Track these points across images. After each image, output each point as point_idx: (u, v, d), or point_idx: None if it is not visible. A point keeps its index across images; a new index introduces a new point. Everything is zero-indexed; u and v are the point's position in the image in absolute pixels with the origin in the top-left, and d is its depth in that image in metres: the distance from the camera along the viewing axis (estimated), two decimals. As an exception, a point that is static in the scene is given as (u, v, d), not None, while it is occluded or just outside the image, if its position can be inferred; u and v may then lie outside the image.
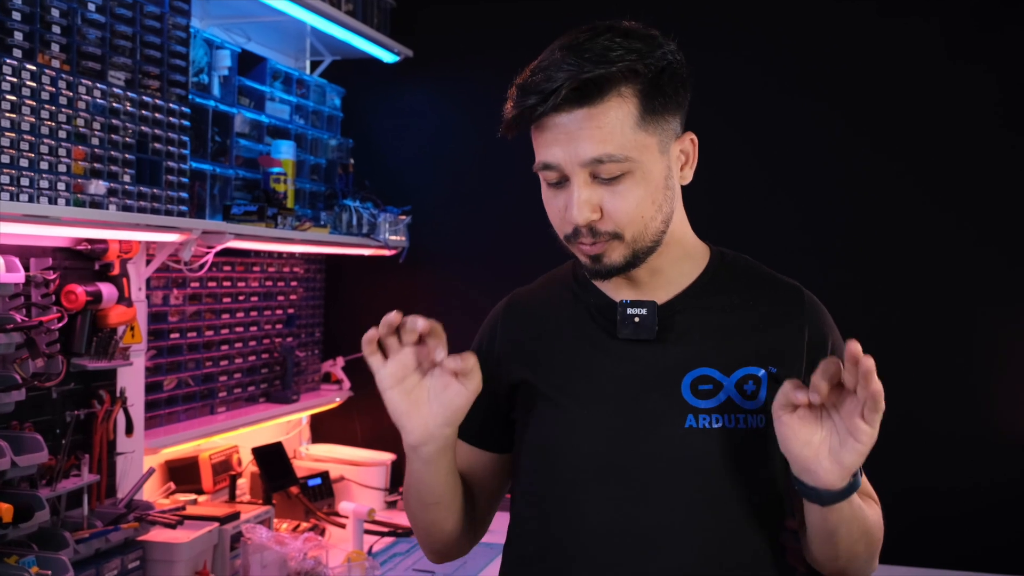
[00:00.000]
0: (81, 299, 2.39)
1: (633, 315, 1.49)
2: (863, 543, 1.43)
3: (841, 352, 1.50)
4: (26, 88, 2.05)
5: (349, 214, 3.54)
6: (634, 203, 1.41)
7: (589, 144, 1.37)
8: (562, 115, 1.38)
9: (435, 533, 1.59)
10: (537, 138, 1.43)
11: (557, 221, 1.46)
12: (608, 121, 1.37)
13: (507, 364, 1.59)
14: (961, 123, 3.38)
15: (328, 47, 3.73)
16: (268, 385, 3.52)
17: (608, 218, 1.41)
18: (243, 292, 3.35)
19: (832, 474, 1.30)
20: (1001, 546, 3.30)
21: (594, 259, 1.45)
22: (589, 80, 1.35)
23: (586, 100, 1.36)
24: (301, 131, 3.52)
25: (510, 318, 1.64)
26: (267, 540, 2.71)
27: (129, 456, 2.66)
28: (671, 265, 1.53)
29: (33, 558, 2.07)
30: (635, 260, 1.46)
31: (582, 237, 1.43)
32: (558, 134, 1.39)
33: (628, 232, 1.42)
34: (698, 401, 1.46)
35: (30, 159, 2.06)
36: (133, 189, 2.36)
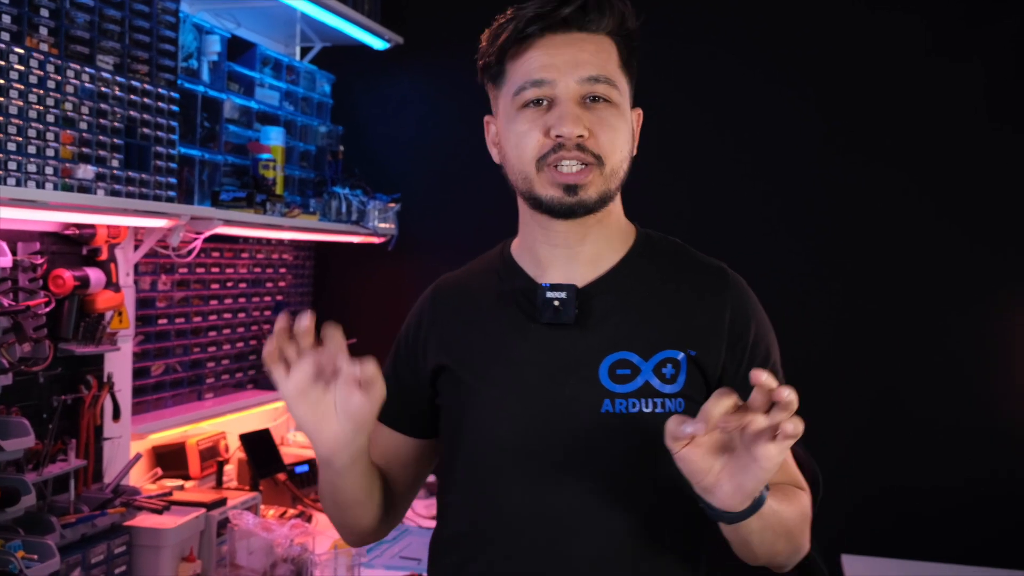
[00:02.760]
0: (69, 284, 2.38)
1: (553, 299, 1.49)
2: (783, 542, 1.42)
3: (763, 336, 1.53)
4: (14, 72, 2.05)
5: (338, 201, 3.54)
6: (617, 132, 1.47)
7: (588, 63, 1.45)
8: (565, 35, 1.46)
9: (354, 528, 1.62)
10: (528, 58, 1.47)
11: (533, 145, 1.46)
12: (602, 49, 1.48)
13: (431, 350, 1.60)
14: (946, 115, 3.39)
15: (318, 33, 3.72)
16: (256, 371, 3.52)
17: (594, 139, 1.45)
18: (231, 278, 3.35)
19: (734, 498, 1.25)
20: (993, 539, 3.32)
21: (570, 189, 1.45)
22: (596, 4, 1.46)
23: (587, 26, 1.47)
24: (290, 117, 3.51)
25: (435, 304, 1.65)
26: (254, 526, 2.71)
27: (116, 441, 2.66)
28: (604, 238, 1.55)
29: (19, 542, 2.07)
30: (603, 200, 1.48)
31: (564, 152, 1.44)
32: (560, 50, 1.46)
33: (609, 160, 1.46)
34: (615, 386, 1.46)
35: (18, 143, 2.06)
36: (121, 174, 2.36)
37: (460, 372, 1.55)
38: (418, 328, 1.64)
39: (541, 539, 1.46)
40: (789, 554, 1.47)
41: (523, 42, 1.47)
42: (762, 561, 1.44)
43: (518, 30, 1.46)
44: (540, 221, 1.53)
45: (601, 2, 1.47)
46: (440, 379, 1.59)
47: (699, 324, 1.50)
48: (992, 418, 3.33)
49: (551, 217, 1.50)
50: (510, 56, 1.49)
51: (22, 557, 2.03)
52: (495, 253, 1.67)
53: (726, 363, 1.49)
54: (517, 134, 1.48)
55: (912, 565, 3.21)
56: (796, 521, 1.45)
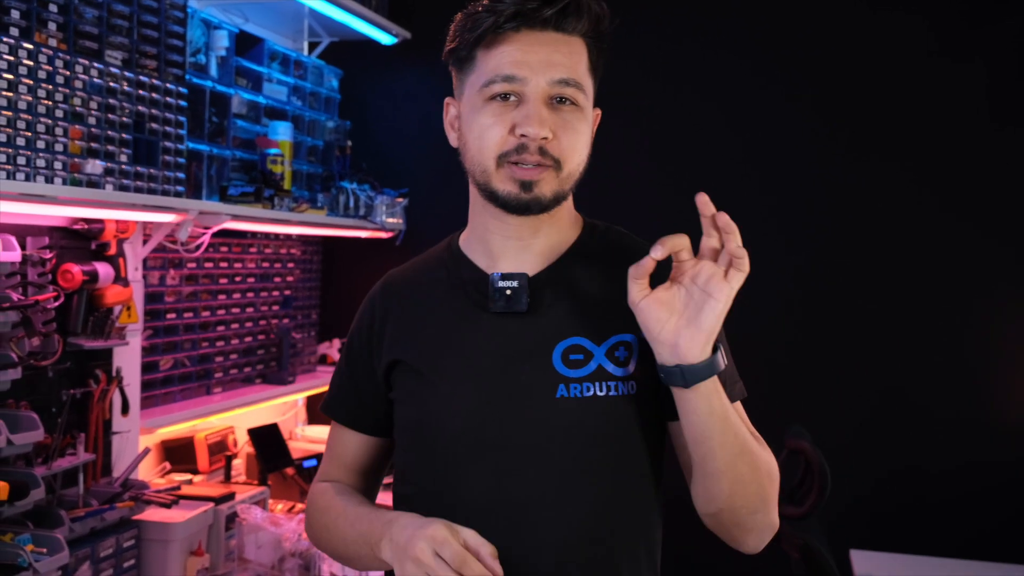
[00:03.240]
0: (77, 278, 2.39)
1: (504, 288, 1.50)
2: (745, 466, 1.41)
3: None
4: (23, 67, 2.05)
5: (346, 196, 3.54)
6: (578, 136, 1.48)
7: (561, 65, 1.46)
8: (541, 33, 1.47)
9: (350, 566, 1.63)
10: (502, 51, 1.47)
11: (496, 140, 1.46)
12: (575, 51, 1.48)
13: (383, 346, 1.60)
14: (949, 114, 3.39)
15: (326, 28, 3.73)
16: (264, 366, 3.52)
17: (556, 142, 1.45)
18: (240, 273, 3.35)
19: (693, 342, 1.32)
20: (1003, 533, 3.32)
21: (526, 186, 1.46)
22: (576, 7, 1.46)
23: (564, 27, 1.47)
24: (298, 112, 3.51)
25: (384, 299, 1.65)
26: (262, 521, 2.72)
27: (125, 435, 2.66)
28: (556, 230, 1.56)
29: (28, 536, 2.08)
30: (557, 199, 1.49)
31: (527, 154, 1.44)
32: (535, 48, 1.46)
33: (567, 164, 1.47)
34: (569, 371, 1.47)
35: (27, 138, 2.06)
36: (130, 169, 2.36)
37: (414, 365, 1.55)
38: (370, 325, 1.64)
39: (500, 528, 1.45)
40: (756, 495, 1.44)
41: (498, 34, 1.48)
42: (728, 488, 1.42)
43: (497, 24, 1.46)
44: (494, 213, 1.53)
45: (581, 5, 1.48)
46: (394, 374, 1.59)
47: None
48: (1001, 413, 3.33)
49: (505, 212, 1.51)
50: (483, 45, 1.50)
51: (31, 550, 2.04)
52: (442, 247, 1.67)
53: None
54: (481, 126, 1.48)
55: (922, 560, 3.21)
56: (761, 458, 1.44)
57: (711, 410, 1.35)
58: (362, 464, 1.69)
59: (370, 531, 1.48)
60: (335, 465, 1.70)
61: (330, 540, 1.61)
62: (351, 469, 1.69)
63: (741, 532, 1.49)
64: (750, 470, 1.42)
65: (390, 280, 1.68)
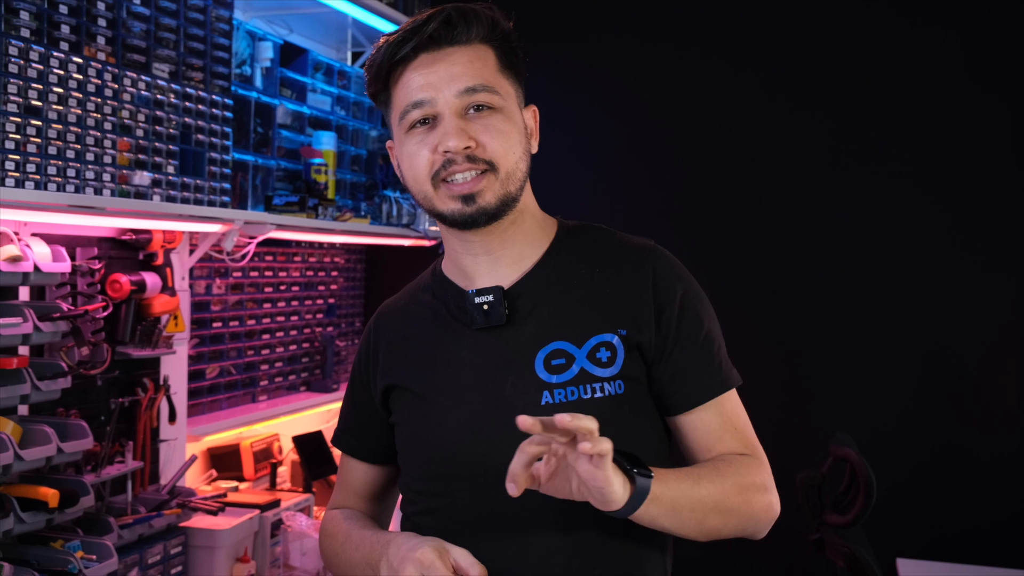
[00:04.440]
0: (125, 288, 2.42)
1: (481, 303, 1.51)
2: (714, 517, 1.42)
3: (692, 304, 1.53)
4: (72, 81, 2.08)
5: (389, 204, 3.56)
6: (505, 137, 1.48)
7: (463, 75, 1.47)
8: (437, 52, 1.48)
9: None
10: (406, 81, 1.49)
11: (424, 164, 1.48)
12: (477, 58, 1.49)
13: (378, 374, 1.63)
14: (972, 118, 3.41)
15: (369, 38, 3.74)
16: (308, 374, 3.54)
17: (483, 148, 1.46)
18: (284, 282, 3.38)
19: (603, 504, 1.29)
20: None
21: (467, 199, 1.47)
22: (461, 15, 1.47)
23: (457, 39, 1.48)
24: (342, 122, 3.53)
25: (377, 330, 1.67)
26: (307, 528, 2.73)
27: (172, 443, 2.69)
28: (524, 237, 1.56)
29: (78, 543, 2.11)
30: (505, 204, 1.49)
31: (455, 167, 1.45)
32: (433, 68, 1.47)
33: (503, 165, 1.47)
34: (552, 376, 1.47)
35: (76, 151, 2.09)
36: (176, 180, 2.39)
37: (408, 387, 1.58)
38: (366, 357, 1.67)
39: (499, 544, 1.46)
40: (736, 527, 1.46)
41: (399, 65, 1.49)
42: (702, 539, 1.44)
43: (391, 55, 1.48)
44: (455, 234, 1.55)
45: (465, 13, 1.48)
46: (391, 399, 1.62)
47: (626, 303, 1.50)
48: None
49: (460, 230, 1.52)
50: (392, 81, 1.52)
51: (81, 557, 2.06)
52: (427, 273, 1.70)
53: (656, 335, 1.49)
54: (408, 155, 1.50)
55: (970, 570, 3.17)
56: (727, 494, 1.43)
57: (654, 517, 1.35)
58: (371, 491, 1.73)
59: (371, 553, 1.49)
60: (346, 493, 1.74)
61: (339, 565, 1.62)
62: (361, 496, 1.73)
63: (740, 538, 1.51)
64: (720, 517, 1.43)
65: (382, 310, 1.71)
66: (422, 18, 1.48)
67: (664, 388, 1.47)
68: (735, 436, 1.52)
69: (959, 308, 3.41)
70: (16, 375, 2.03)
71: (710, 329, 1.54)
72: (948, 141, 3.42)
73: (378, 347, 1.64)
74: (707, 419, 1.49)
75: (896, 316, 3.46)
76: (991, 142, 3.39)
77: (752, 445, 1.53)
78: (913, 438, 3.41)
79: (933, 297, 3.43)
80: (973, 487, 3.36)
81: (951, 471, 3.38)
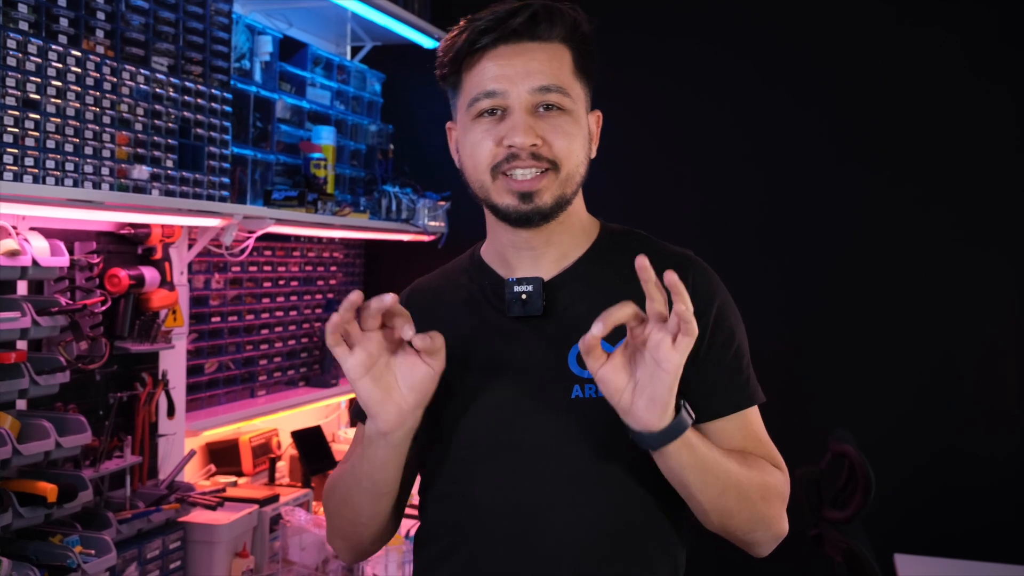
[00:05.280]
0: (124, 283, 2.42)
1: (520, 292, 1.52)
2: (733, 498, 1.41)
3: (726, 317, 1.54)
4: (71, 74, 2.08)
5: (388, 200, 3.55)
6: (571, 139, 1.48)
7: (539, 73, 1.47)
8: (516, 45, 1.48)
9: (371, 527, 1.58)
10: (481, 69, 1.49)
11: (487, 154, 1.48)
12: (555, 57, 1.49)
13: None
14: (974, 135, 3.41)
15: (368, 33, 3.74)
16: (307, 369, 3.54)
17: (548, 146, 1.46)
18: (283, 277, 3.38)
19: (649, 412, 1.29)
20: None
21: (525, 197, 1.47)
22: (547, 13, 1.47)
23: (539, 36, 1.48)
24: (341, 117, 3.53)
25: (409, 306, 1.64)
26: (306, 523, 2.73)
27: (170, 438, 2.69)
28: (568, 237, 1.57)
29: (77, 537, 2.11)
30: (560, 205, 1.50)
31: (518, 162, 1.46)
32: (511, 61, 1.47)
33: (565, 166, 1.48)
34: (584, 372, 1.47)
35: (75, 144, 2.09)
36: (175, 174, 2.39)
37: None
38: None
39: (519, 530, 1.46)
40: (748, 519, 1.45)
41: (476, 53, 1.49)
42: (714, 518, 1.43)
43: (471, 42, 1.48)
44: (504, 226, 1.55)
45: (551, 11, 1.48)
46: None
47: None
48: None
49: (510, 225, 1.52)
50: (465, 66, 1.52)
51: (80, 552, 2.06)
52: (465, 256, 1.70)
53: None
54: (472, 144, 1.51)
55: (968, 565, 3.17)
56: (751, 482, 1.44)
57: (682, 465, 1.35)
58: None
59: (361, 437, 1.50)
60: None
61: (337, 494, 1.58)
62: None
63: (743, 545, 1.51)
64: (737, 501, 1.43)
65: (415, 288, 1.71)
66: (507, 10, 1.48)
67: (690, 396, 1.47)
68: (758, 450, 1.52)
69: (959, 306, 3.41)
70: (14, 369, 2.03)
71: (741, 343, 1.55)
72: (949, 140, 3.41)
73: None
74: (729, 430, 1.49)
75: (896, 313, 3.46)
76: (993, 141, 3.38)
77: (775, 459, 1.54)
78: (911, 434, 3.41)
79: (933, 295, 3.43)
80: (971, 483, 3.36)
81: (949, 467, 3.38)
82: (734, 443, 1.49)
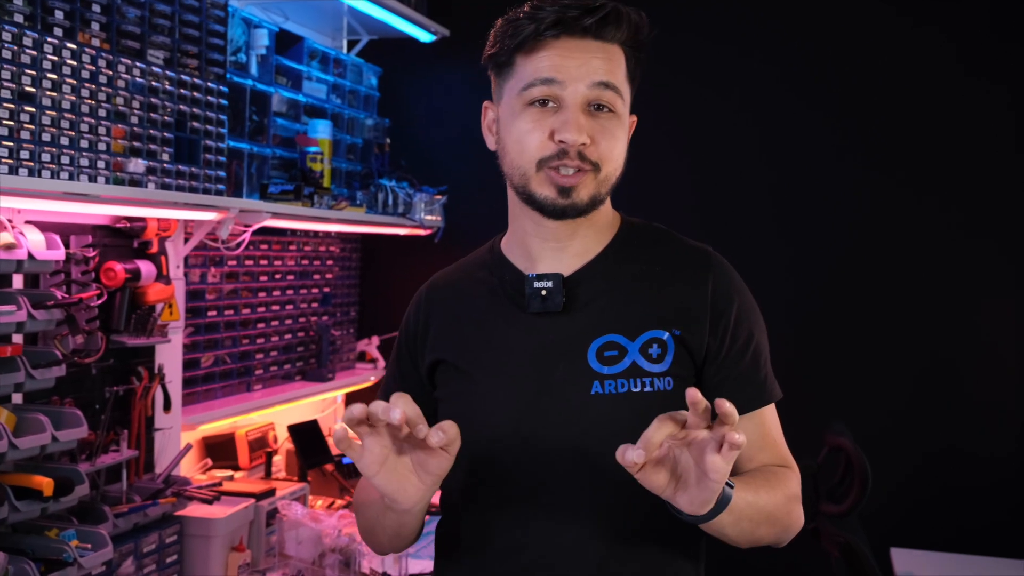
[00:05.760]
0: (120, 276, 2.41)
1: (540, 288, 1.52)
2: (764, 528, 1.43)
3: (746, 315, 1.55)
4: (66, 67, 2.07)
5: (385, 194, 3.55)
6: (616, 142, 1.50)
7: (598, 71, 1.47)
8: (580, 40, 1.48)
9: (398, 545, 1.60)
10: (541, 56, 1.49)
11: (536, 146, 1.48)
12: (612, 59, 1.50)
13: (427, 346, 1.62)
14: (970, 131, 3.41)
15: (365, 26, 3.74)
16: (304, 363, 3.54)
17: (595, 147, 1.47)
18: (279, 271, 3.37)
19: (693, 507, 1.26)
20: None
21: (564, 191, 1.48)
22: (616, 15, 1.48)
23: (603, 35, 1.49)
24: (338, 110, 3.52)
25: (429, 301, 1.67)
26: (302, 517, 2.73)
27: (167, 432, 2.69)
28: (592, 231, 1.58)
29: (73, 531, 2.10)
30: (594, 203, 1.51)
31: (567, 159, 1.46)
32: (572, 54, 1.48)
33: (605, 168, 1.49)
34: (604, 367, 1.48)
35: (70, 137, 2.08)
36: (172, 167, 2.38)
37: (455, 364, 1.57)
38: (415, 327, 1.66)
39: (540, 526, 1.47)
40: (775, 536, 1.48)
41: (539, 39, 1.49)
42: (745, 546, 1.45)
43: (538, 31, 1.48)
44: (531, 216, 1.55)
45: (620, 15, 1.49)
46: (437, 373, 1.61)
47: (683, 304, 1.52)
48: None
49: (542, 215, 1.52)
50: (523, 51, 1.51)
51: (76, 546, 2.06)
52: (485, 249, 1.70)
53: (709, 342, 1.51)
54: (520, 131, 1.50)
55: (964, 559, 3.18)
56: (778, 505, 1.46)
57: (722, 526, 1.35)
58: None
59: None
60: None
61: (365, 518, 1.59)
62: None
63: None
64: (768, 528, 1.45)
65: (435, 282, 1.70)
66: (579, 5, 1.48)
67: (709, 393, 1.47)
68: (772, 448, 1.55)
69: (955, 301, 3.41)
70: (10, 363, 2.02)
71: (760, 342, 1.56)
72: (948, 140, 3.41)
73: (428, 319, 1.64)
74: (747, 428, 1.49)
75: (892, 309, 3.46)
76: (992, 141, 3.38)
77: (787, 458, 1.56)
78: (908, 429, 3.42)
79: (930, 292, 3.43)
80: (968, 478, 3.36)
81: (945, 462, 3.38)
82: (750, 444, 1.51)
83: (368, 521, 1.59)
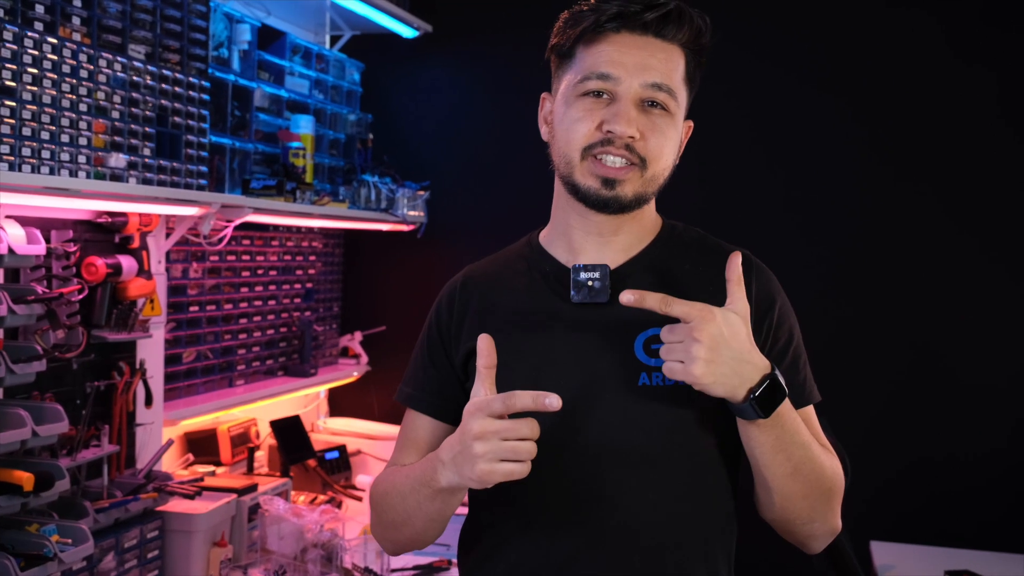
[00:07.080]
0: (101, 271, 2.41)
1: (587, 279, 1.53)
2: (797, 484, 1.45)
3: (786, 317, 1.58)
4: (47, 61, 2.07)
5: (368, 189, 3.55)
6: (667, 141, 1.51)
7: (654, 70, 1.49)
8: (640, 37, 1.50)
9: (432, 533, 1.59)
10: (600, 50, 1.50)
11: (583, 134, 1.50)
12: (671, 59, 1.51)
13: (463, 336, 1.62)
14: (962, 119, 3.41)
15: (348, 22, 3.73)
16: (286, 359, 3.54)
17: (644, 142, 1.48)
18: (262, 266, 3.37)
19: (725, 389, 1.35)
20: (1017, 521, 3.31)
21: (608, 183, 1.49)
22: (679, 16, 1.49)
23: (664, 35, 1.50)
24: (320, 106, 3.52)
25: (464, 291, 1.67)
26: (284, 512, 2.73)
27: (148, 427, 2.68)
28: (637, 228, 1.60)
29: (54, 526, 2.10)
30: (638, 201, 1.52)
31: (612, 148, 1.47)
32: (631, 51, 1.49)
33: (652, 165, 1.50)
34: (650, 360, 1.49)
35: (51, 132, 2.08)
36: (153, 162, 2.38)
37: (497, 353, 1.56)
38: (449, 315, 1.66)
39: (582, 515, 1.48)
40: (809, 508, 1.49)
41: (599, 32, 1.50)
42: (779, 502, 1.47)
43: (599, 23, 1.49)
44: (577, 208, 1.56)
45: (683, 15, 1.50)
46: (471, 364, 1.58)
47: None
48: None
49: (586, 207, 1.53)
50: (583, 43, 1.52)
51: (57, 541, 2.05)
52: (522, 243, 1.70)
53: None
54: (571, 119, 1.51)
55: (943, 552, 3.20)
56: (824, 471, 1.47)
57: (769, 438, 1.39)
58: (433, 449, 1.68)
59: (422, 471, 1.47)
60: (410, 451, 1.68)
61: (392, 509, 1.58)
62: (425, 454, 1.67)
63: (799, 538, 1.55)
64: (800, 488, 1.45)
65: (470, 273, 1.70)
66: (642, 1, 1.49)
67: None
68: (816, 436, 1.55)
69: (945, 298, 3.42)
70: (-10, 358, 2.02)
71: (798, 344, 1.59)
72: (946, 139, 3.40)
73: (465, 310, 1.64)
74: None
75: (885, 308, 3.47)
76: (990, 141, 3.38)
77: (827, 444, 1.56)
78: (889, 422, 3.43)
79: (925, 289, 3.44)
80: (948, 468, 3.38)
81: (924, 453, 3.40)
82: None
83: (400, 513, 1.56)
